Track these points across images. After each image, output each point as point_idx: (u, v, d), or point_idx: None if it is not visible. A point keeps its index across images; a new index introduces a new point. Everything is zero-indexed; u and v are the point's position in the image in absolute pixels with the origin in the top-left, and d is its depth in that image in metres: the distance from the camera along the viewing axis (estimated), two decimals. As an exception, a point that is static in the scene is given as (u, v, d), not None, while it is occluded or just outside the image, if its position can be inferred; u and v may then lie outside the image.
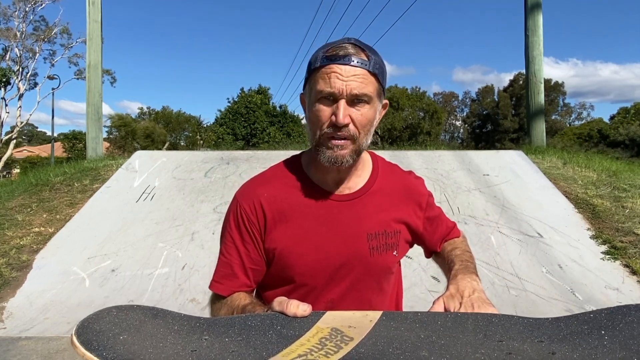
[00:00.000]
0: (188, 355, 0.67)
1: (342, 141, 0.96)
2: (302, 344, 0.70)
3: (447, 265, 1.09)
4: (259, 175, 1.11)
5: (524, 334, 0.71)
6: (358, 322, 0.76)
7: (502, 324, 0.73)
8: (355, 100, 0.95)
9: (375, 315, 0.78)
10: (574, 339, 0.68)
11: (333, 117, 0.95)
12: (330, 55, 0.95)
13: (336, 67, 0.94)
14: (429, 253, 1.22)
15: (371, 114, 0.98)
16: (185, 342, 0.71)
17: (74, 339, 0.67)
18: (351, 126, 0.96)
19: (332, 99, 0.95)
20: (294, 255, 1.02)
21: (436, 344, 0.69)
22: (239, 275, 1.03)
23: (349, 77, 0.93)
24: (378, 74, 0.97)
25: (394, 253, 1.07)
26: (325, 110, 0.96)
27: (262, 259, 1.05)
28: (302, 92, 1.08)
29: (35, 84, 26.75)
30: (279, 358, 0.67)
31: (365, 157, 1.12)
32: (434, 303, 0.86)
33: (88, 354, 0.65)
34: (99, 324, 0.70)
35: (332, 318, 0.78)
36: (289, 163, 1.12)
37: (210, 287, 1.05)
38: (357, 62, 0.94)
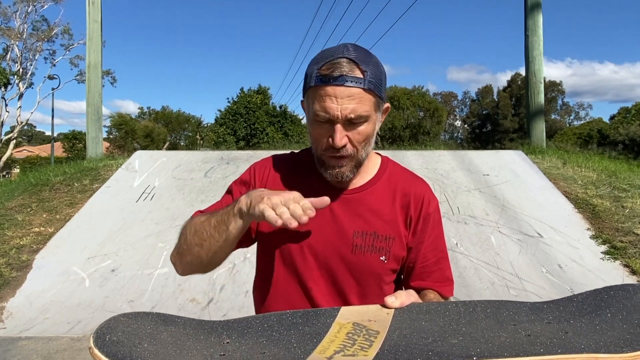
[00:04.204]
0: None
1: (342, 160, 0.99)
2: (331, 340, 0.70)
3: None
4: (279, 154, 1.17)
5: (530, 316, 0.73)
6: (375, 315, 0.77)
7: (507, 309, 0.75)
8: (351, 121, 0.95)
9: (388, 308, 0.79)
10: (577, 319, 0.71)
11: (330, 140, 0.96)
12: (324, 76, 0.93)
13: (330, 90, 0.93)
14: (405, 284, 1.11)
15: (369, 129, 0.99)
16: (209, 347, 0.70)
17: (97, 352, 0.64)
18: (349, 146, 0.97)
19: (329, 121, 0.96)
20: (279, 236, 1.04)
21: (459, 331, 0.69)
22: None
23: (344, 98, 0.92)
24: (374, 88, 0.95)
25: (382, 258, 1.03)
26: (322, 133, 0.98)
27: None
28: (302, 100, 1.09)
29: (31, 84, 26.75)
30: (315, 356, 0.66)
31: (374, 159, 1.12)
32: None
33: None
34: (115, 335, 0.67)
35: (349, 313, 0.78)
36: (304, 152, 1.15)
37: (193, 215, 1.07)
38: (351, 82, 0.92)
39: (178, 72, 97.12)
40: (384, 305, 0.80)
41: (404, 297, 0.81)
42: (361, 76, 0.93)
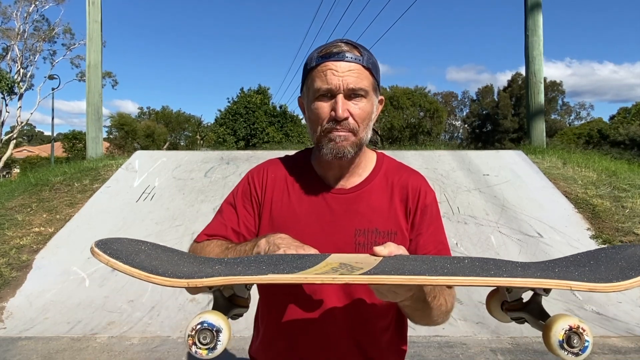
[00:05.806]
0: (208, 274, 0.72)
1: (344, 133, 0.99)
2: (315, 270, 0.75)
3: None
4: (274, 158, 1.18)
5: (517, 269, 0.77)
6: (363, 259, 0.82)
7: (495, 264, 0.79)
8: (352, 94, 0.98)
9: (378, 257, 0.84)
10: (564, 270, 0.76)
11: (332, 113, 0.98)
12: (325, 54, 0.99)
13: (331, 64, 0.98)
14: None
15: (369, 107, 1.01)
16: (200, 266, 0.78)
17: (96, 249, 0.72)
18: (350, 120, 0.99)
19: (330, 95, 0.99)
20: None
21: (441, 271, 0.73)
22: (232, 238, 1.07)
23: (345, 72, 0.97)
24: (372, 68, 1.01)
25: None
26: (324, 107, 0.99)
27: (255, 230, 1.09)
28: (299, 95, 1.11)
29: (31, 84, 26.73)
30: (299, 274, 0.71)
31: (370, 156, 1.13)
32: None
33: (113, 260, 0.70)
34: (116, 245, 0.76)
35: (338, 257, 0.84)
36: (300, 154, 1.16)
37: (198, 238, 1.09)
38: (351, 57, 0.98)
39: (178, 72, 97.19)
40: (373, 255, 0.84)
41: (393, 247, 0.84)
42: (359, 55, 1.00)
